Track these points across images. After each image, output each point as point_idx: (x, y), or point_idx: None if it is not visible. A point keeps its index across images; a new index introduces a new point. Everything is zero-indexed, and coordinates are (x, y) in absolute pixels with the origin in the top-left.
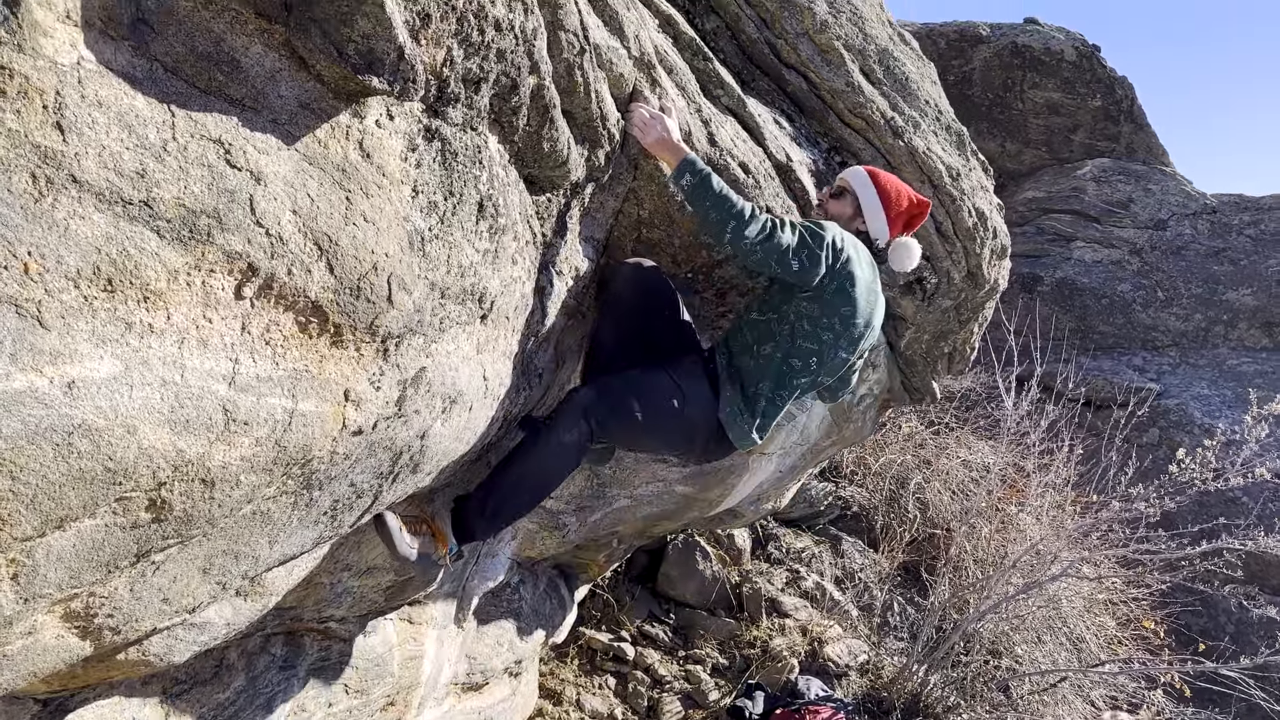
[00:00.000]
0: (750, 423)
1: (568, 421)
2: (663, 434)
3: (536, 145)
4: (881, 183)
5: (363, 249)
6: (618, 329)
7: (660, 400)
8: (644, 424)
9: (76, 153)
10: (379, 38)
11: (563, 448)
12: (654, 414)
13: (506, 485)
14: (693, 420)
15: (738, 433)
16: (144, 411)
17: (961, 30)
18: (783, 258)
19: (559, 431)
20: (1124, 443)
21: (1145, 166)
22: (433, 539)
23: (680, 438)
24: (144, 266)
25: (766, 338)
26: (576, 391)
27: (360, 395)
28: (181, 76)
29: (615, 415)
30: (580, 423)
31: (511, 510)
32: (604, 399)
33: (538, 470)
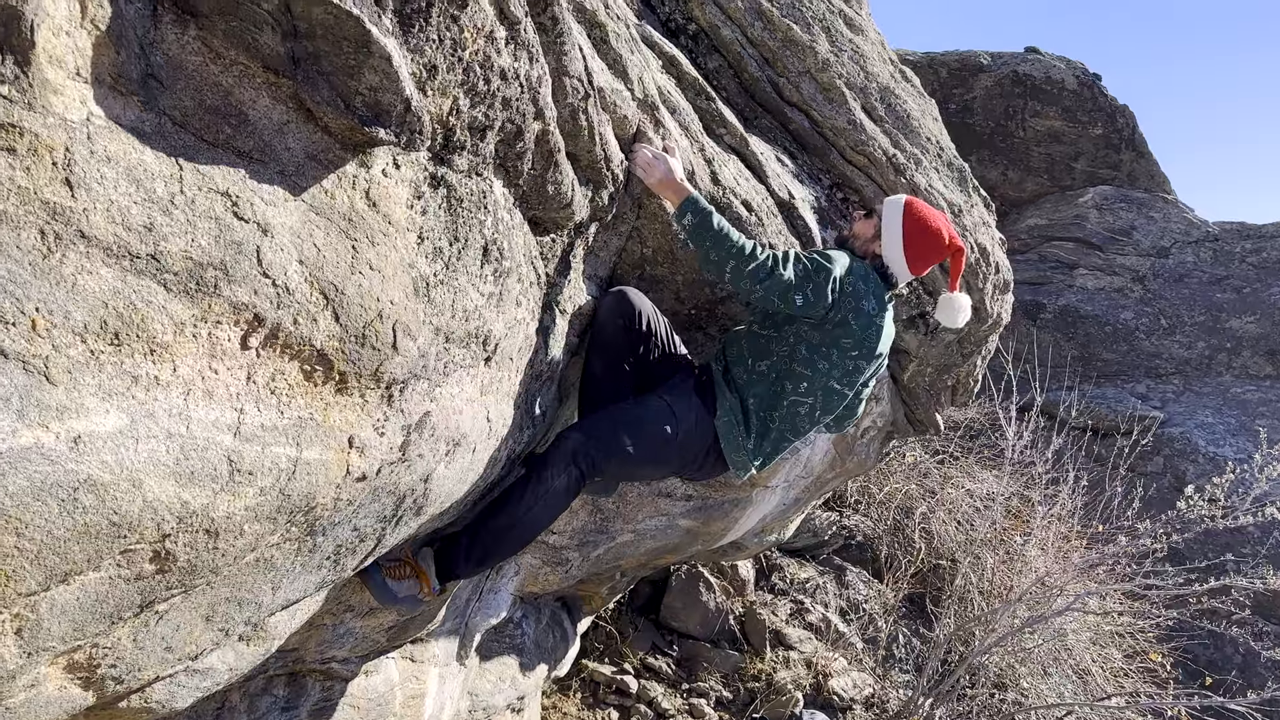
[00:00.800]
0: (746, 436)
1: (557, 467)
2: (659, 462)
3: (541, 188)
4: (912, 213)
5: (368, 297)
6: (605, 358)
7: (652, 429)
8: (637, 456)
9: (85, 208)
10: (386, 90)
11: (552, 494)
12: (646, 444)
13: (495, 530)
14: (689, 440)
15: (731, 444)
16: (149, 464)
17: (962, 59)
18: (786, 294)
19: (549, 477)
20: (1128, 471)
21: (1147, 194)
22: (416, 580)
23: (678, 461)
24: (151, 320)
25: (764, 355)
26: (565, 435)
27: (365, 442)
28: (190, 130)
29: (606, 454)
30: (570, 468)
31: (498, 554)
32: (592, 440)
33: (526, 516)
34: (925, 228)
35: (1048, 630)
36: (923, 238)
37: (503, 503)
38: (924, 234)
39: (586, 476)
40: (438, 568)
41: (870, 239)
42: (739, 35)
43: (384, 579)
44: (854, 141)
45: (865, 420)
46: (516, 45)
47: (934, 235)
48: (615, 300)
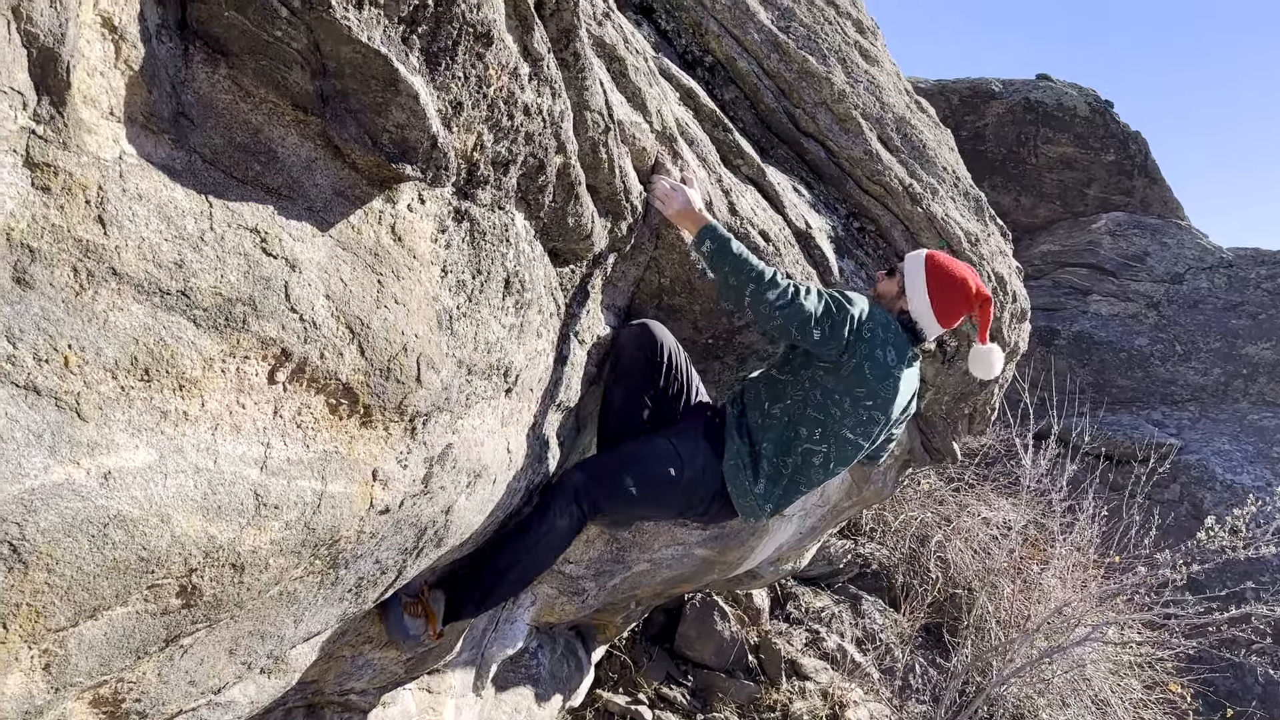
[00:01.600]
0: (754, 481)
1: (559, 506)
2: (661, 504)
3: (561, 220)
4: (934, 265)
5: (393, 330)
6: (625, 389)
7: (657, 471)
8: (640, 497)
9: (117, 245)
10: (413, 127)
11: (554, 533)
12: (649, 486)
13: (496, 569)
14: (694, 483)
15: (738, 488)
16: (178, 499)
17: (974, 87)
18: (804, 325)
19: (551, 517)
20: (1145, 499)
21: (1160, 220)
22: (426, 622)
23: (682, 503)
24: (180, 355)
25: (778, 398)
26: (568, 475)
27: (388, 474)
28: (220, 167)
29: (608, 495)
30: (572, 507)
31: (501, 594)
32: (595, 480)
33: (528, 556)
34: (949, 278)
35: (1066, 661)
36: (948, 289)
37: (504, 542)
38: (949, 285)
39: (588, 516)
40: (446, 609)
41: (895, 296)
42: (755, 67)
43: (402, 614)
44: (870, 171)
45: None
46: (539, 81)
47: (960, 285)
48: (638, 332)
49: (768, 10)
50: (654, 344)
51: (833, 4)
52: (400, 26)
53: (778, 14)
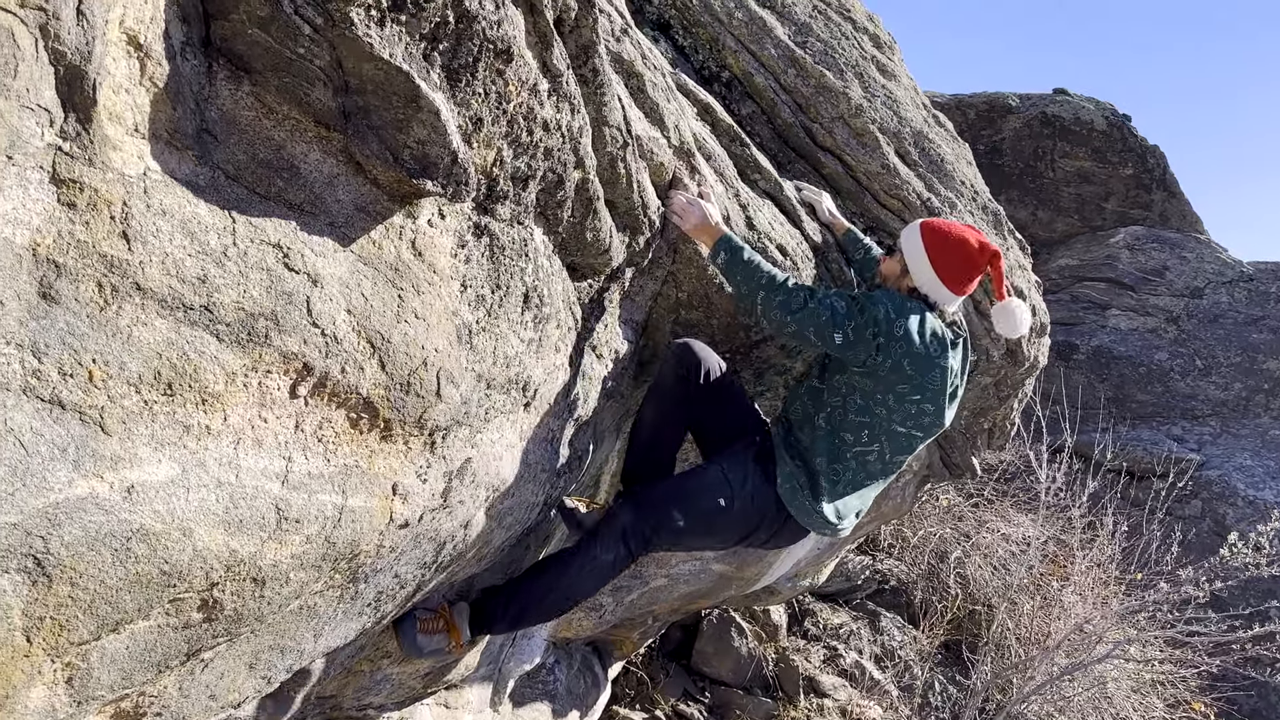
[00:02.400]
0: (814, 500)
1: (607, 542)
2: (713, 534)
3: (580, 235)
4: (931, 231)
5: (413, 345)
6: (657, 407)
7: (706, 502)
8: (689, 529)
9: (141, 261)
10: (434, 143)
11: (598, 566)
12: (699, 518)
13: (534, 592)
14: (746, 510)
15: (800, 509)
16: (200, 513)
17: (991, 101)
18: (822, 330)
19: (597, 550)
20: (1166, 515)
21: (1179, 234)
22: (446, 635)
23: (739, 531)
24: (203, 370)
25: (820, 408)
26: (616, 512)
27: (408, 489)
28: (243, 183)
29: (657, 530)
30: (619, 546)
31: (534, 617)
32: (643, 517)
33: (569, 585)
34: (949, 240)
35: (1087, 678)
36: (951, 252)
37: (546, 567)
38: (951, 248)
39: (635, 554)
40: (473, 618)
41: (899, 275)
42: (772, 82)
43: (416, 632)
44: (888, 185)
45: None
46: (559, 97)
47: (961, 244)
48: (678, 351)
49: (785, 26)
50: (693, 364)
51: (849, 19)
52: (421, 43)
53: (795, 29)
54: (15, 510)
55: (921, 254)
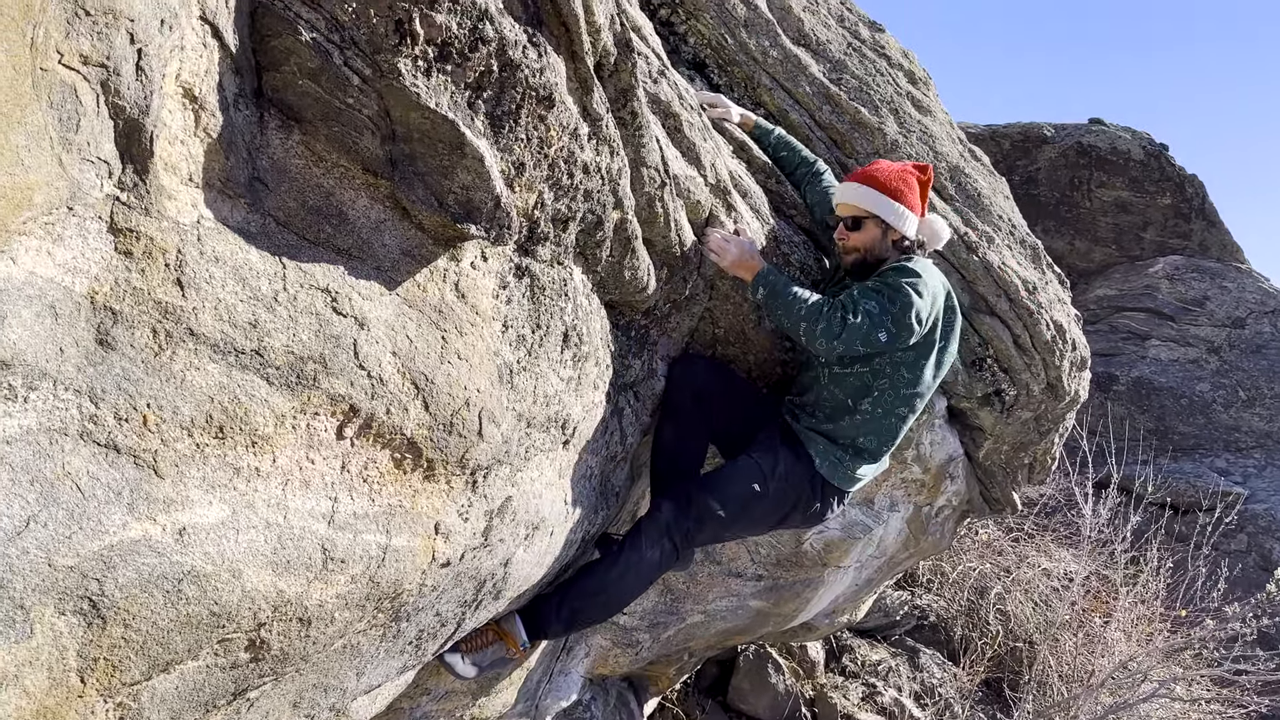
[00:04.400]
0: (855, 465)
1: (650, 539)
2: (755, 519)
3: (618, 274)
4: (877, 180)
5: (456, 385)
6: (675, 428)
7: (741, 489)
8: (729, 518)
9: (195, 307)
10: (478, 189)
11: (645, 565)
12: (738, 505)
13: (585, 593)
14: (781, 493)
15: (844, 478)
16: (249, 555)
17: (1025, 131)
18: (867, 338)
19: (643, 550)
20: (1212, 550)
21: (1219, 264)
22: (502, 643)
23: (774, 515)
24: (253, 413)
25: (863, 393)
26: (658, 507)
27: (449, 528)
28: (293, 229)
29: (699, 523)
30: (663, 541)
31: (586, 619)
32: (684, 512)
33: (618, 585)
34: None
35: (1132, 718)
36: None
37: (594, 568)
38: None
39: (680, 549)
40: (526, 625)
41: (881, 238)
42: (807, 119)
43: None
44: None
45: (940, 499)
46: (598, 140)
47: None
48: (683, 370)
49: (820, 63)
50: (701, 380)
51: (884, 56)
52: (466, 92)
53: (830, 67)
54: (72, 553)
55: (891, 204)
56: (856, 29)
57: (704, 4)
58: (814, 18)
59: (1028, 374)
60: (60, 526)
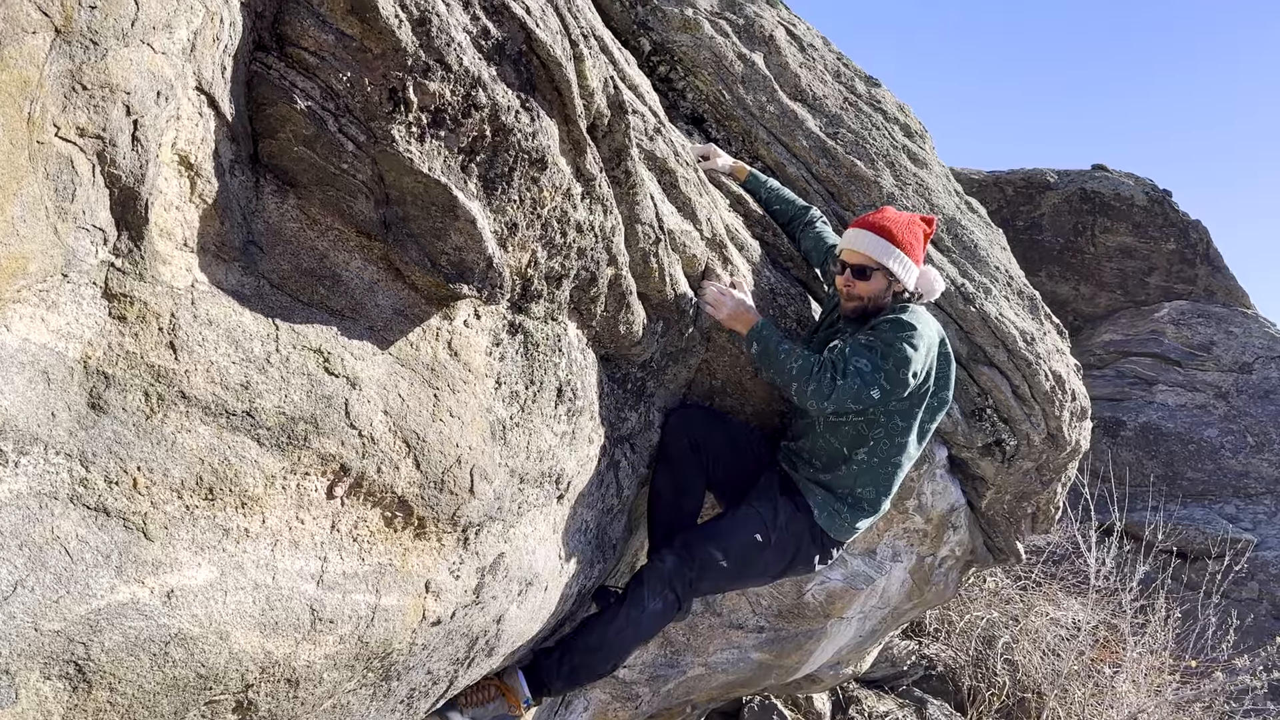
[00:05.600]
0: (854, 518)
1: (653, 590)
2: (755, 570)
3: (613, 328)
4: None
5: (448, 443)
6: (671, 478)
7: (743, 539)
8: (731, 569)
9: (187, 370)
10: (470, 249)
11: (647, 617)
12: (740, 555)
13: (587, 650)
14: (783, 543)
15: (841, 530)
16: (236, 616)
17: (1028, 177)
18: (859, 396)
19: (644, 601)
20: (1221, 598)
21: (1225, 309)
22: (504, 700)
23: (777, 564)
24: (244, 474)
25: (858, 442)
26: (659, 558)
27: (440, 586)
28: (287, 291)
29: (702, 573)
30: (665, 592)
31: (588, 674)
32: (685, 563)
33: (619, 638)
34: (900, 227)
35: None
36: (910, 234)
37: (594, 622)
38: (907, 230)
39: (683, 600)
40: (529, 682)
41: (885, 289)
42: (804, 172)
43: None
44: None
45: (943, 549)
46: (592, 199)
47: (910, 224)
48: (679, 419)
49: (816, 118)
50: (697, 430)
51: (880, 110)
52: (460, 156)
53: (826, 121)
54: (59, 618)
55: (903, 257)
56: (853, 84)
57: (702, 61)
58: (810, 73)
59: (1028, 424)
60: (47, 591)
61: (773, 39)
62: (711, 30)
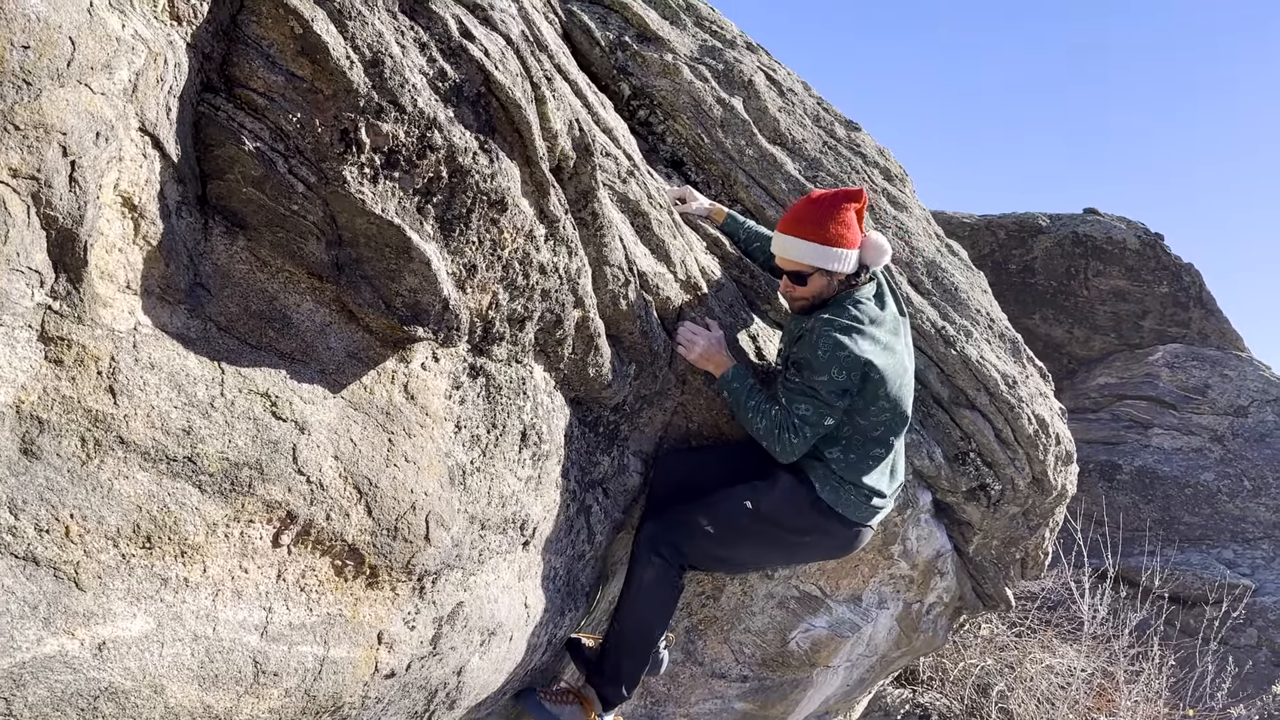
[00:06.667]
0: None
1: (641, 561)
2: (752, 539)
3: (582, 371)
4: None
5: (402, 489)
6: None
7: (731, 505)
8: (719, 536)
9: (126, 414)
10: (425, 291)
11: (648, 589)
12: (728, 520)
13: (615, 646)
14: (779, 511)
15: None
16: (173, 669)
17: (1020, 221)
18: (816, 430)
19: (637, 575)
20: (1220, 645)
21: (1220, 352)
22: (581, 708)
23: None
24: (184, 521)
25: (831, 443)
26: (640, 527)
27: (394, 637)
28: (234, 334)
29: (686, 536)
30: (651, 557)
31: (631, 667)
32: (665, 526)
33: (636, 621)
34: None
35: None
36: (842, 229)
37: (610, 622)
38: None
39: (672, 562)
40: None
41: (828, 284)
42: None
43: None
44: None
45: (930, 595)
46: (556, 241)
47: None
48: (659, 472)
49: (795, 161)
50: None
51: (860, 154)
52: (416, 197)
53: (805, 165)
54: None
55: (833, 252)
56: (832, 128)
57: (681, 105)
58: (790, 117)
59: (1011, 468)
60: None
61: (752, 84)
62: (691, 75)
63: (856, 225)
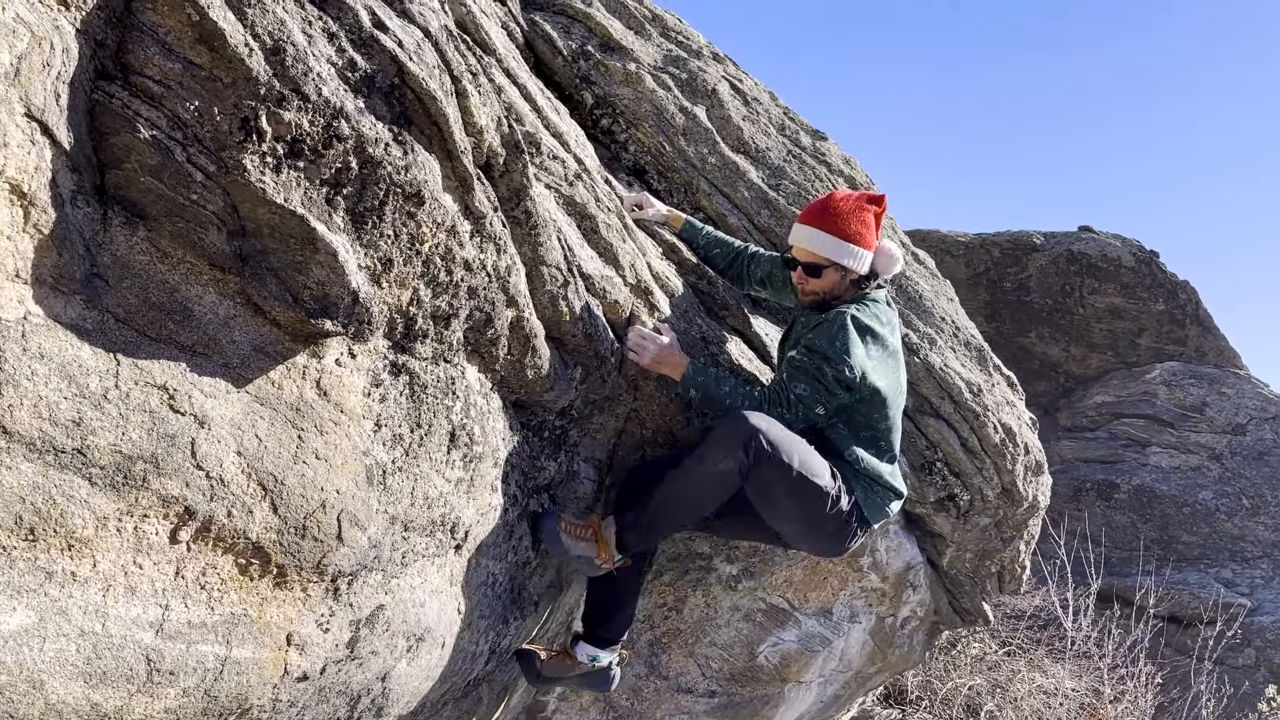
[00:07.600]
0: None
1: (726, 447)
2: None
3: (520, 373)
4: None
5: (311, 487)
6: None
7: (817, 464)
8: (797, 484)
9: (10, 404)
10: (333, 284)
11: (716, 477)
12: (806, 475)
13: (656, 506)
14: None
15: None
16: (55, 664)
17: (1015, 239)
18: (807, 418)
19: (713, 459)
20: (1216, 664)
21: (1217, 370)
22: (595, 545)
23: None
24: (71, 514)
25: (834, 431)
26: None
27: (305, 638)
28: (133, 326)
29: (777, 455)
30: (739, 452)
31: (665, 528)
32: (769, 434)
33: (686, 498)
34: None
35: None
36: (861, 227)
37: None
38: (860, 224)
39: (748, 471)
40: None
41: (841, 280)
42: (745, 223)
43: (560, 530)
44: None
45: (904, 610)
46: (483, 238)
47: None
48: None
49: (758, 170)
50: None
51: (825, 163)
52: (324, 188)
53: (769, 173)
54: None
55: (851, 249)
56: (798, 137)
57: (644, 114)
58: (754, 126)
59: (979, 478)
60: None
61: (715, 93)
62: (654, 84)
63: (875, 229)
